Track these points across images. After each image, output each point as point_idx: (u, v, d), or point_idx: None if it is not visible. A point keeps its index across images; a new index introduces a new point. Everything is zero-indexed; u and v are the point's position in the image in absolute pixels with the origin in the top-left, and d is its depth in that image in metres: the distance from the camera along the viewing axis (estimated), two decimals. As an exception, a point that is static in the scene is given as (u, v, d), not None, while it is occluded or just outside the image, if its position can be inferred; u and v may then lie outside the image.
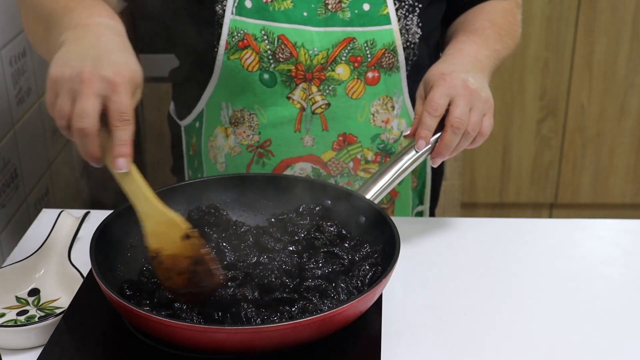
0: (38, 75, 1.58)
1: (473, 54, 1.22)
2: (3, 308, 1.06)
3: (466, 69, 1.16)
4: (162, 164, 2.38)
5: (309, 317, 0.86)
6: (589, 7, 2.39)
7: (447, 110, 1.11)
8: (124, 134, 0.88)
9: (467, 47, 1.24)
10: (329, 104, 1.26)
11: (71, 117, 0.89)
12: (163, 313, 0.93)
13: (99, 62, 0.90)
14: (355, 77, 1.25)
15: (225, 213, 1.09)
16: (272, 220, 1.10)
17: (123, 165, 0.88)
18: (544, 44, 2.44)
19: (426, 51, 1.29)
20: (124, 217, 1.04)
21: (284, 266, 0.97)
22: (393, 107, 1.29)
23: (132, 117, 0.89)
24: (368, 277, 0.98)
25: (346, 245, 1.04)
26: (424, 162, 1.39)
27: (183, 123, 1.37)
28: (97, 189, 1.96)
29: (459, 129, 1.09)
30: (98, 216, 1.11)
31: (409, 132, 1.13)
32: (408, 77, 1.28)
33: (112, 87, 0.89)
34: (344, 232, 1.06)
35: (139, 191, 0.92)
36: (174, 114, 1.41)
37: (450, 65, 1.17)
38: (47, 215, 1.29)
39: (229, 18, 1.21)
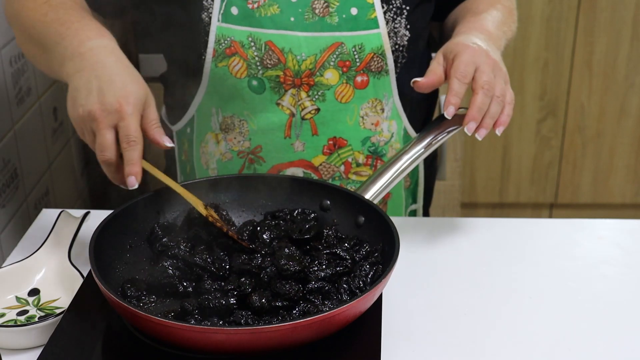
0: (38, 75, 1.58)
1: (487, 32, 1.22)
2: (3, 308, 1.06)
3: (484, 43, 1.17)
4: (162, 162, 2.38)
5: (309, 317, 0.86)
6: (589, 7, 2.39)
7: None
8: (132, 154, 0.98)
9: (480, 25, 1.24)
10: (318, 109, 1.26)
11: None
12: (169, 316, 0.93)
13: (102, 95, 1.00)
14: (344, 81, 1.25)
15: (225, 213, 1.09)
16: (269, 218, 1.11)
17: (133, 183, 0.98)
18: (544, 44, 2.44)
19: (415, 53, 1.29)
20: (124, 217, 1.04)
21: (290, 269, 0.97)
22: (383, 110, 1.29)
23: (139, 137, 0.99)
24: (369, 276, 0.98)
25: (346, 245, 1.04)
26: None
27: (174, 128, 1.37)
28: (97, 189, 1.96)
29: (490, 90, 1.09)
30: (98, 216, 1.11)
31: (420, 80, 1.12)
32: (397, 79, 1.28)
33: (119, 115, 0.99)
34: (339, 234, 1.07)
35: (166, 181, 1.05)
36: (165, 119, 1.41)
37: (470, 37, 1.17)
38: (47, 215, 1.29)
39: (216, 25, 1.21)
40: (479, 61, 1.11)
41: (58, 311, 1.03)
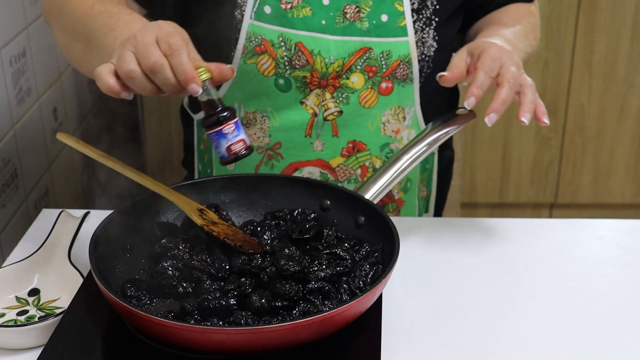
0: (38, 75, 1.58)
1: (508, 40, 1.23)
2: (3, 308, 1.06)
3: (508, 46, 1.18)
4: (162, 163, 2.38)
5: (309, 317, 0.86)
6: (589, 7, 2.39)
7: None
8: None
9: (502, 34, 1.25)
10: (341, 112, 1.26)
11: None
12: (169, 316, 0.93)
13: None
14: (369, 86, 1.25)
15: (225, 213, 1.09)
16: (269, 218, 1.10)
17: (196, 90, 0.95)
18: (544, 44, 2.43)
19: (440, 64, 1.30)
20: (124, 217, 1.04)
21: (290, 269, 0.96)
22: (404, 118, 1.29)
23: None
24: (369, 276, 0.98)
25: (346, 245, 1.04)
26: (431, 171, 1.39)
27: (196, 117, 1.38)
28: (97, 189, 1.96)
29: (515, 85, 1.10)
30: (98, 216, 1.11)
31: (446, 73, 1.13)
32: (421, 89, 1.28)
33: (170, 40, 0.95)
34: (339, 234, 1.07)
35: (160, 189, 1.05)
36: (187, 107, 1.42)
37: (495, 40, 1.18)
38: (47, 215, 1.29)
39: (248, 23, 1.22)
40: (505, 58, 1.12)
41: (58, 311, 1.03)
